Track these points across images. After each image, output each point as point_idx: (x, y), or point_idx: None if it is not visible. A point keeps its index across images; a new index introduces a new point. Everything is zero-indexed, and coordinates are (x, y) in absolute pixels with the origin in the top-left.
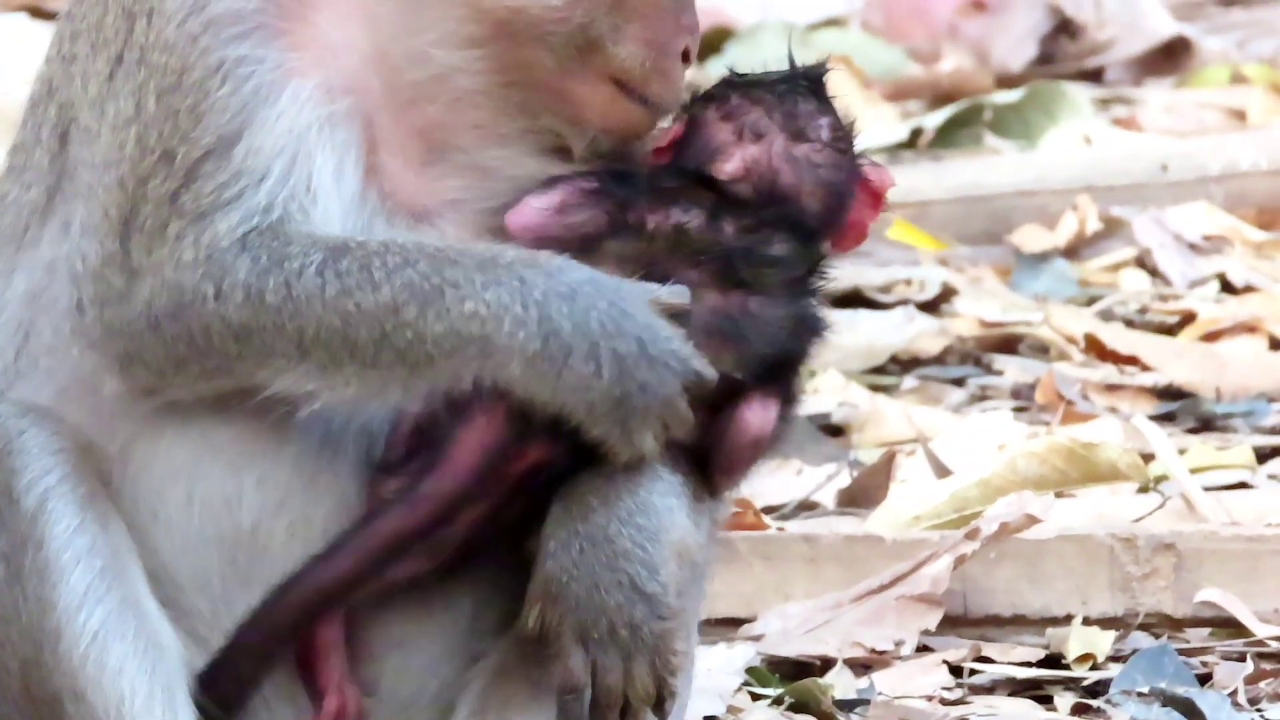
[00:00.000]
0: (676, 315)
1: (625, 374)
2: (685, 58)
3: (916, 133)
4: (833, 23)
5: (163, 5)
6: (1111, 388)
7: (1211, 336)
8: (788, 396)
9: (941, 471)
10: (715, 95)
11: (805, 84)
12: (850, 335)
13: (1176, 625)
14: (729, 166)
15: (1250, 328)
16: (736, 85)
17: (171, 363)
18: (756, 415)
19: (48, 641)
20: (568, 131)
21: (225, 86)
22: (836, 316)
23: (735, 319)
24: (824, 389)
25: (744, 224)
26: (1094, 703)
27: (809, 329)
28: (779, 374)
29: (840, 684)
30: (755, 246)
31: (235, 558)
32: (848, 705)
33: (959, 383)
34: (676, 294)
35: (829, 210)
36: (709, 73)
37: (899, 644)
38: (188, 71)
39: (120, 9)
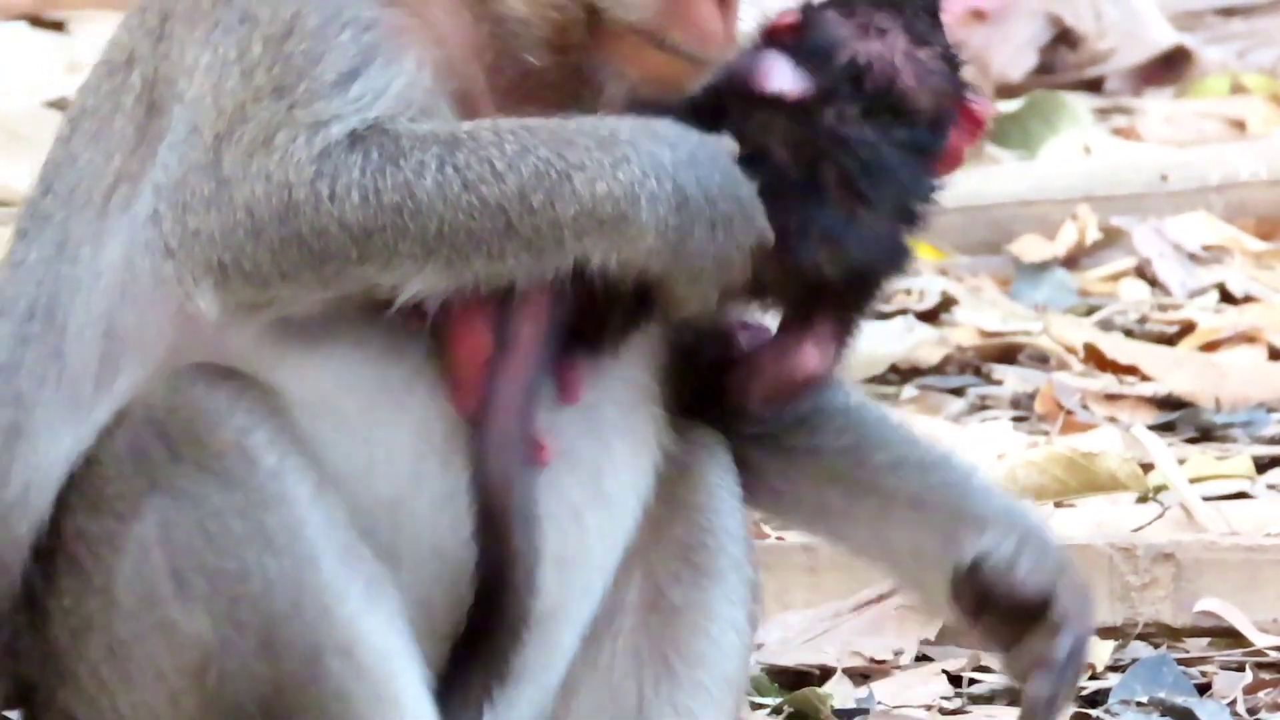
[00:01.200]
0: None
1: (730, 236)
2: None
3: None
4: None
5: None
6: (1111, 397)
7: (1211, 346)
8: (847, 336)
9: None
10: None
11: (924, 4)
12: None
13: (1175, 635)
14: (847, 58)
15: (1250, 338)
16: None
17: (278, 271)
18: (815, 355)
19: (310, 597)
20: (613, 84)
21: (345, 34)
22: None
23: (843, 222)
24: None
25: (862, 120)
26: (1093, 712)
27: (897, 257)
28: (853, 298)
29: (840, 693)
30: (878, 155)
31: (375, 530)
32: (847, 715)
33: (958, 392)
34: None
35: (936, 125)
36: None
37: (898, 653)
38: (301, 19)
39: None
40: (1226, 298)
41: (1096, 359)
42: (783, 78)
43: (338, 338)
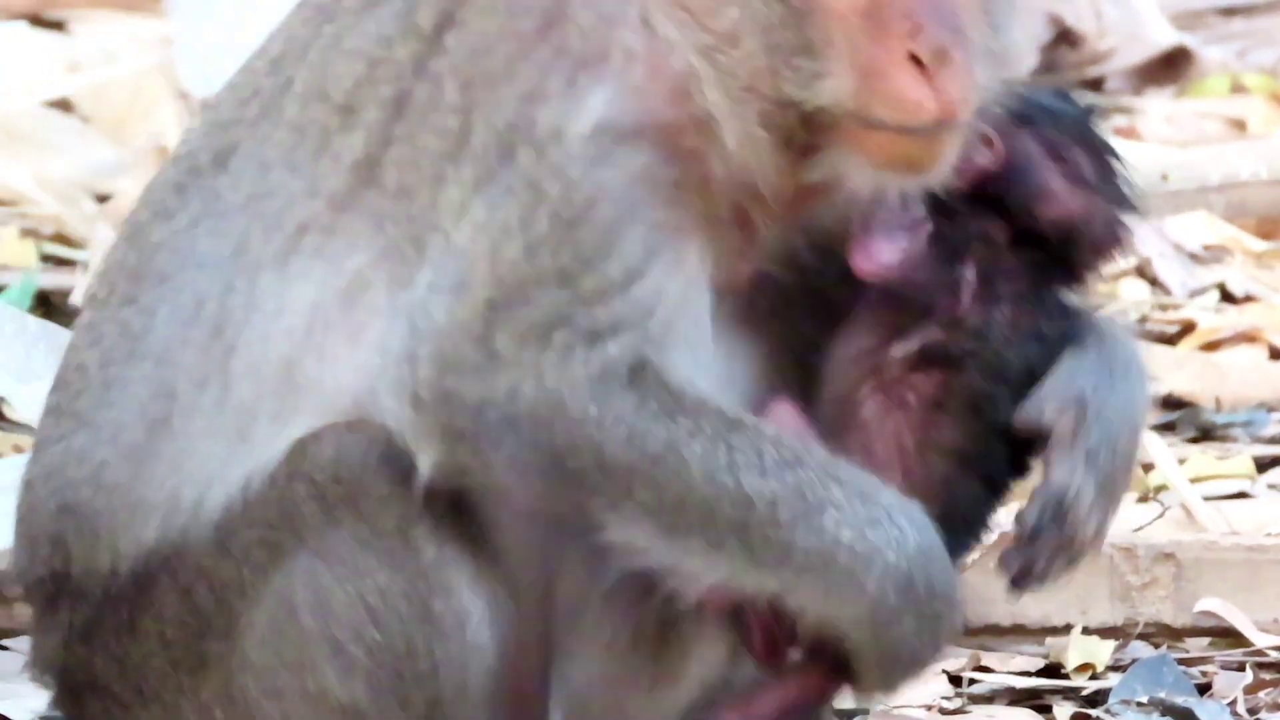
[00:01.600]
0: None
1: (931, 638)
2: (923, 62)
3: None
4: None
5: (560, 145)
6: None
7: (1211, 346)
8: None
9: None
10: (1033, 121)
11: (1094, 123)
12: None
13: (1176, 635)
14: (1053, 213)
15: (1250, 337)
16: (1048, 113)
17: (514, 465)
18: None
19: (475, 683)
20: (856, 177)
21: (635, 231)
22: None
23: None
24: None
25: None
26: (1093, 712)
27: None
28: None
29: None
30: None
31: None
32: (848, 714)
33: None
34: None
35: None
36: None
37: None
38: (595, 208)
39: (490, 130)
40: (1227, 297)
41: None
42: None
43: None
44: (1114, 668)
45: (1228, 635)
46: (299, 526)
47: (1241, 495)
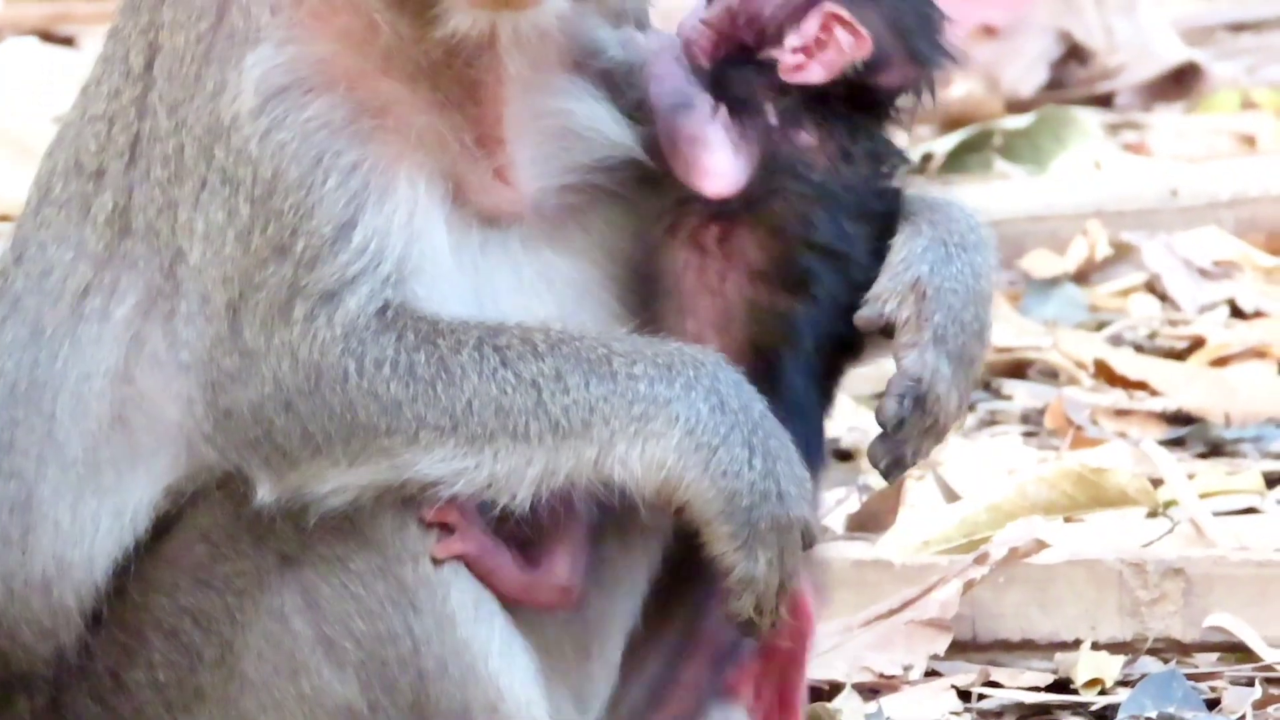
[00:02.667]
0: None
1: (769, 471)
2: None
3: (926, 158)
4: None
5: (239, 125)
6: (1121, 413)
7: (1221, 362)
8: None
9: (951, 496)
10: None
11: None
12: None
13: (1185, 650)
14: (884, 82)
15: (1260, 353)
16: None
17: (310, 445)
18: None
19: (453, 655)
20: (464, 22)
21: (330, 181)
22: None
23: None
24: (833, 414)
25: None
26: None
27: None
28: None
29: (849, 709)
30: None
31: None
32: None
33: (969, 407)
34: None
35: (886, 90)
36: None
37: (908, 669)
38: (281, 175)
39: (195, 142)
40: (1237, 313)
41: (1106, 374)
42: (720, 178)
43: None
44: (1123, 683)
45: (1237, 651)
46: (279, 544)
47: (1251, 511)
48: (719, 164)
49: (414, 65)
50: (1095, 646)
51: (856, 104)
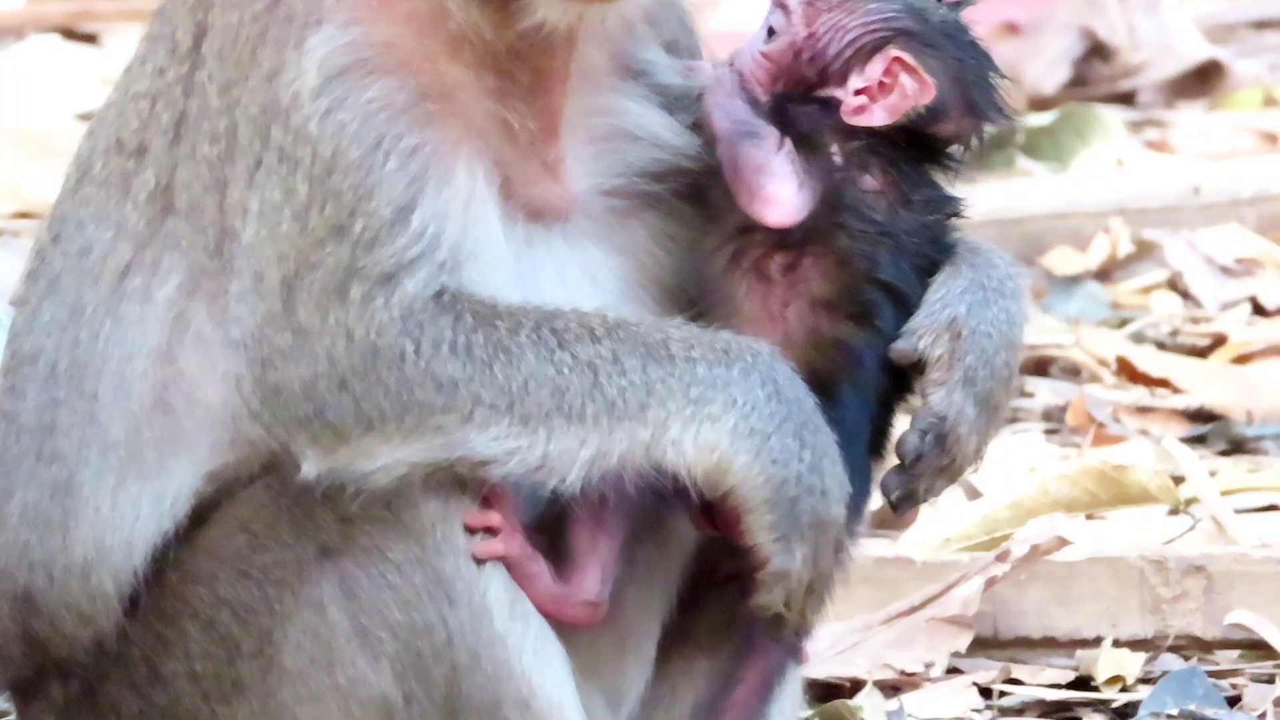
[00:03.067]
0: None
1: (816, 467)
2: None
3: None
4: None
5: (300, 109)
6: (1143, 410)
7: (1243, 359)
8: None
9: (972, 493)
10: (933, 45)
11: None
12: None
13: (1206, 647)
14: (943, 131)
15: None
16: (943, 32)
17: (363, 423)
18: None
19: (487, 650)
20: (551, 13)
21: (390, 163)
22: None
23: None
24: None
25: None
26: None
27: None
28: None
29: (870, 706)
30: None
31: None
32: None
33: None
34: None
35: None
36: None
37: (929, 666)
38: (341, 154)
39: (249, 121)
40: (1259, 310)
41: (1128, 372)
42: (782, 209)
43: None
44: (1144, 680)
45: (1258, 648)
46: (318, 533)
47: (1273, 508)
48: (783, 194)
49: (480, 52)
50: (1116, 644)
51: (915, 150)
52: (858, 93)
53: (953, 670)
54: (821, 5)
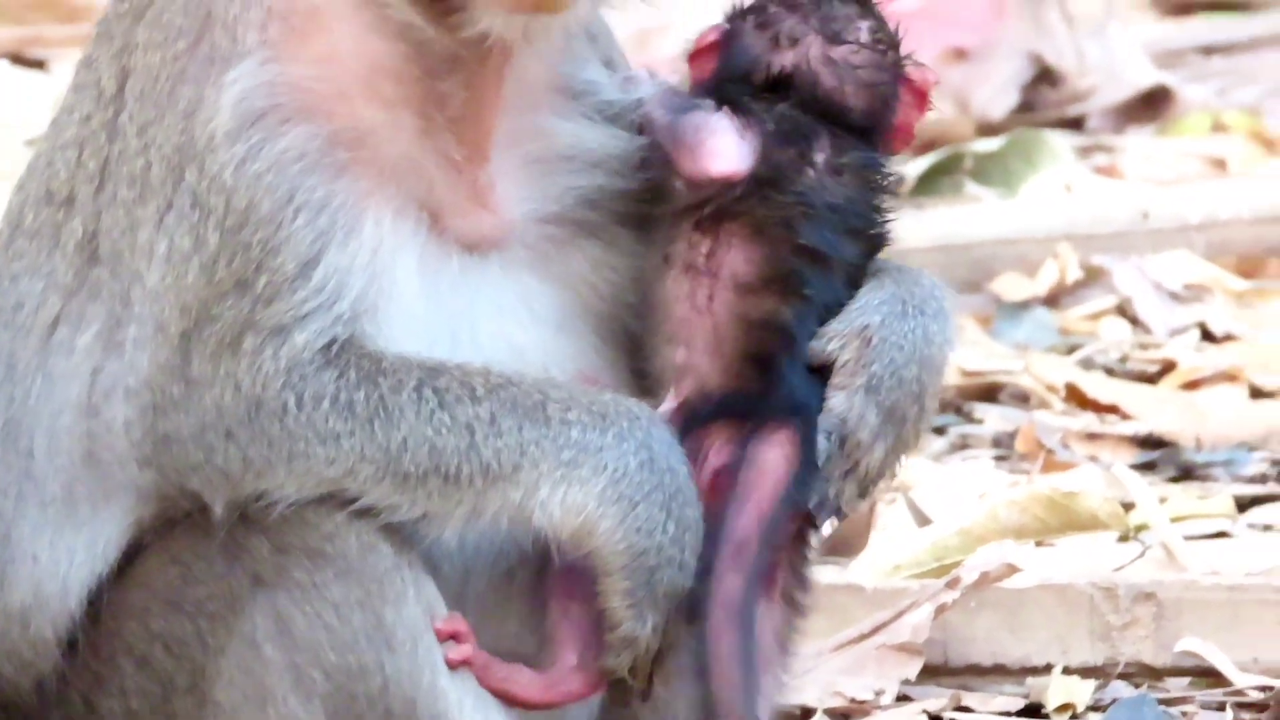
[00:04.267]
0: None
1: (678, 539)
2: None
3: (897, 181)
4: None
5: (214, 152)
6: (1092, 436)
7: (1192, 385)
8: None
9: (922, 520)
10: (752, 7)
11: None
12: None
13: (1156, 675)
14: (765, 74)
15: (1231, 376)
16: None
17: (251, 470)
18: (775, 453)
19: (425, 700)
20: (495, 23)
21: (300, 219)
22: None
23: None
24: None
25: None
26: None
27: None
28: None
29: None
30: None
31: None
32: None
33: (939, 431)
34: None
35: (875, 113)
36: None
37: (879, 693)
38: (254, 208)
39: (163, 160)
40: (1208, 336)
41: (1078, 398)
42: (728, 158)
43: None
44: (1094, 708)
45: (1208, 675)
46: (253, 565)
47: (1222, 535)
48: (726, 145)
49: (404, 82)
50: (1067, 671)
51: (838, 122)
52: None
53: (903, 698)
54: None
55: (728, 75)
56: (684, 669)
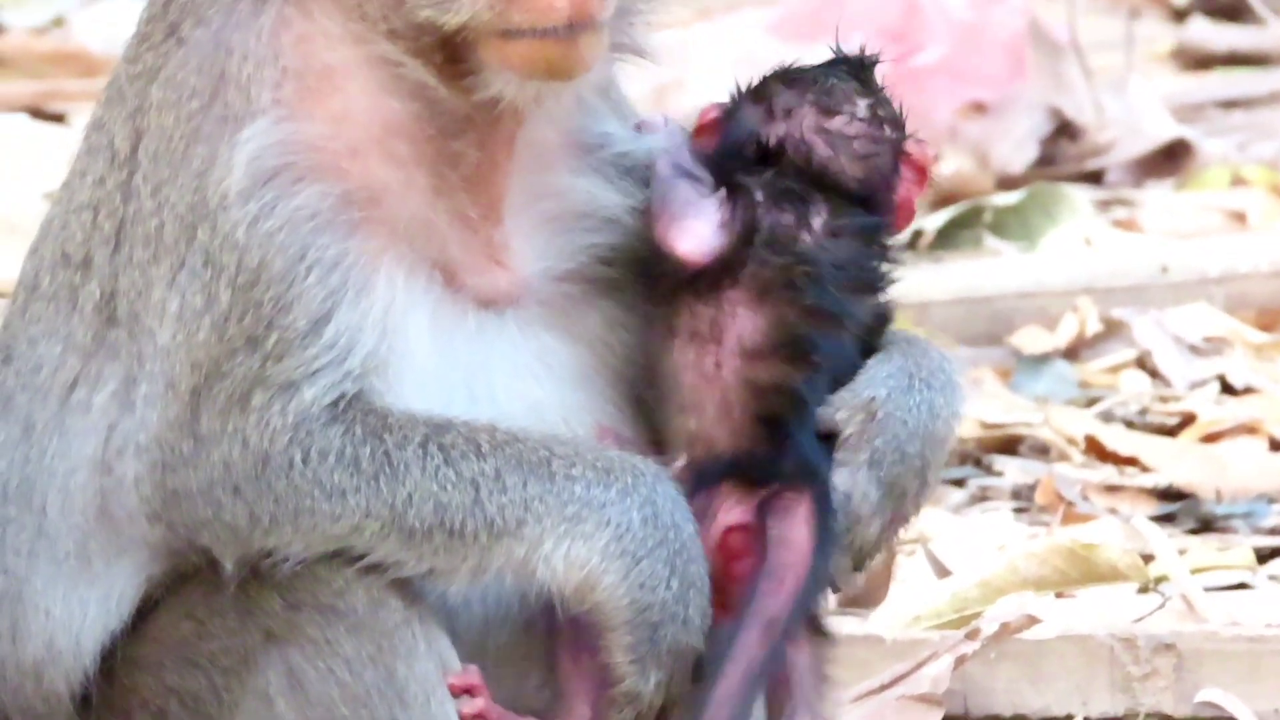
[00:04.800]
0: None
1: (683, 596)
2: None
3: (917, 234)
4: None
5: (227, 210)
6: (1111, 489)
7: (1212, 438)
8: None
9: (942, 572)
10: (752, 84)
11: (846, 68)
12: None
13: None
14: (760, 146)
15: (1250, 429)
16: (779, 76)
17: (259, 527)
18: (803, 530)
19: None
20: (508, 90)
21: (311, 276)
22: None
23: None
24: None
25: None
26: None
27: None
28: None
29: None
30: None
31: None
32: None
33: (959, 483)
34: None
35: (872, 184)
36: None
37: None
38: (266, 266)
39: (177, 219)
40: (1227, 389)
41: (1097, 450)
42: (694, 241)
43: None
44: None
45: None
46: (265, 620)
47: (1242, 586)
48: (697, 227)
49: (416, 141)
50: None
51: (835, 191)
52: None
53: None
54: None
55: (726, 150)
56: None
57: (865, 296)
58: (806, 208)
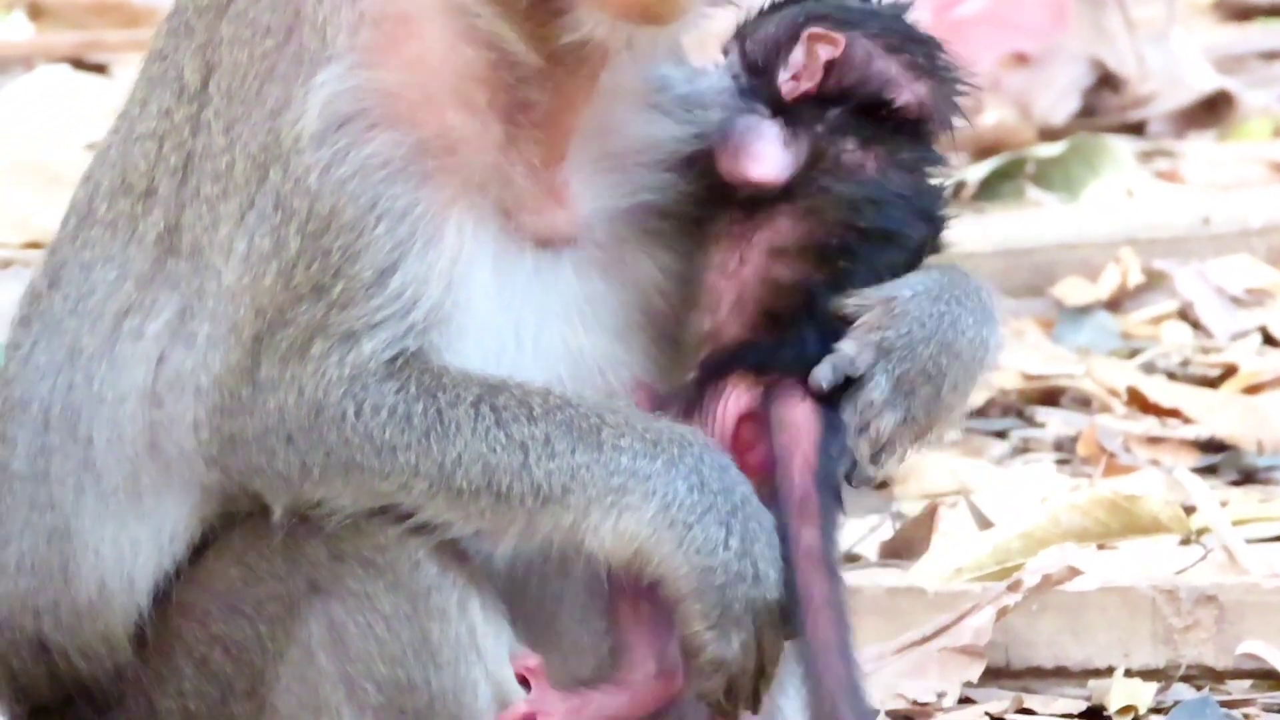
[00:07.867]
0: None
1: (746, 552)
2: None
3: (959, 186)
4: None
5: (300, 154)
6: (1153, 440)
7: (1253, 389)
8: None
9: (984, 523)
10: (851, 22)
11: (894, 10)
12: None
13: (1218, 677)
14: (900, 100)
15: None
16: (870, 15)
17: (309, 476)
18: (799, 410)
19: (468, 715)
20: (601, 31)
21: (381, 226)
22: None
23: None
24: None
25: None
26: None
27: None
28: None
29: None
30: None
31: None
32: None
33: (1001, 435)
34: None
35: (927, 118)
36: None
37: (941, 696)
38: (337, 214)
39: (248, 158)
40: (1269, 340)
41: (1139, 402)
42: (767, 164)
43: None
44: (1156, 710)
45: (1270, 677)
46: (310, 570)
47: None
48: (768, 151)
49: (491, 90)
50: (1128, 673)
51: (891, 124)
52: (792, 78)
53: (965, 700)
54: (750, 31)
55: (780, 86)
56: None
57: (928, 220)
58: (869, 139)
